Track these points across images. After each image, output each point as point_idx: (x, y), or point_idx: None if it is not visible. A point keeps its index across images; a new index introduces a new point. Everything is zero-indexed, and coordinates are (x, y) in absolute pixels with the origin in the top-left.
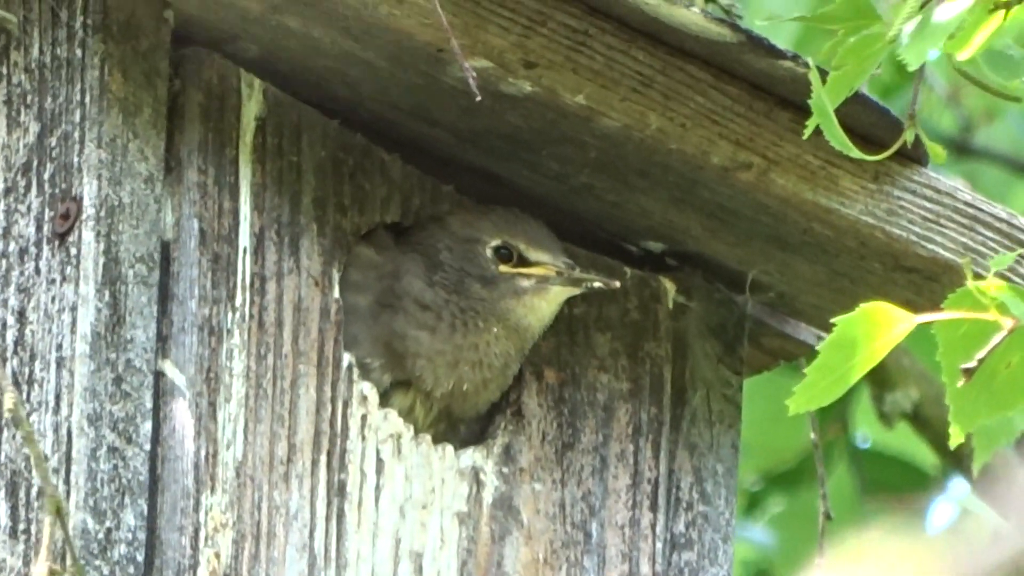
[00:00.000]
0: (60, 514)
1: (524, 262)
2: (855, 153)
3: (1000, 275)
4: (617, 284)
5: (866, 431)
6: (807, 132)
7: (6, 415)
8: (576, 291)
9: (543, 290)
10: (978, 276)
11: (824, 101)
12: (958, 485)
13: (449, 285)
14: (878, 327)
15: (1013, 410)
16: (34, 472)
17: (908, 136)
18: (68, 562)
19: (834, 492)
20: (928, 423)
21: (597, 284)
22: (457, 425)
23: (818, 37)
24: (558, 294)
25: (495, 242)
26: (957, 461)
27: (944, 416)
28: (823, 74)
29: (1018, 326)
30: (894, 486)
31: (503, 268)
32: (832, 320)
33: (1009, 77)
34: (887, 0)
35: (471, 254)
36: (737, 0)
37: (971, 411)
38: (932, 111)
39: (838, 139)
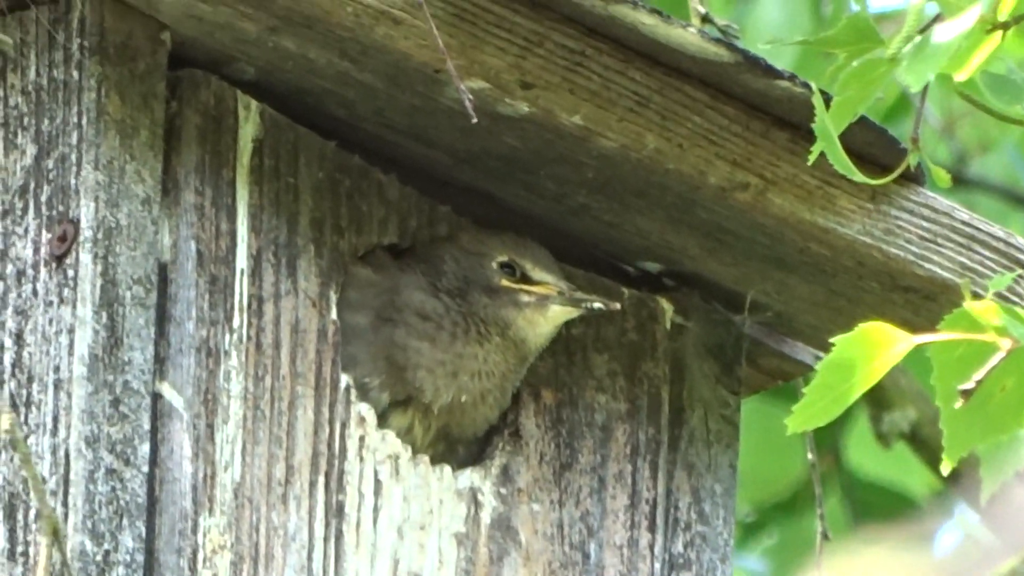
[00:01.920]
0: (57, 536)
1: (527, 280)
2: (859, 177)
3: (998, 295)
4: (617, 306)
5: (859, 460)
6: (811, 158)
7: (3, 436)
8: (576, 312)
9: (543, 307)
10: (976, 296)
11: (828, 126)
12: (962, 510)
13: (452, 291)
14: (876, 347)
15: (1006, 434)
16: (32, 494)
17: (912, 160)
18: None
19: (828, 522)
20: (926, 443)
21: (597, 305)
22: (456, 447)
23: (816, 60)
24: (557, 313)
25: (502, 258)
26: (954, 481)
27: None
28: (826, 98)
29: (1016, 348)
30: (887, 514)
31: (505, 282)
32: (831, 340)
33: (1011, 102)
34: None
35: (476, 265)
36: (734, 23)
37: (965, 435)
38: (927, 142)
39: (843, 164)
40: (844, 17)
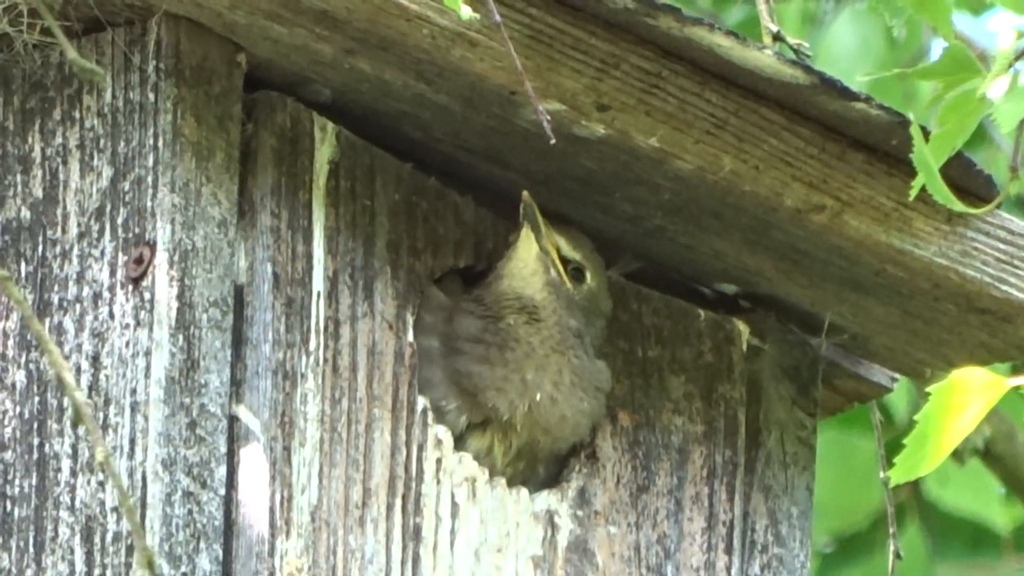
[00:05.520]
0: (152, 568)
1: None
2: (959, 207)
3: None
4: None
5: (937, 491)
6: (913, 192)
7: (97, 466)
8: (532, 232)
9: (512, 249)
10: None
11: (928, 159)
12: None
13: (484, 299)
14: (971, 393)
15: None
16: (109, 517)
17: (1012, 188)
18: None
19: (906, 553)
20: (999, 459)
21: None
22: (536, 466)
23: (890, 82)
24: (523, 241)
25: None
26: None
27: (1015, 452)
28: (924, 131)
29: None
30: (965, 548)
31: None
32: (927, 389)
33: None
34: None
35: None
36: (805, 45)
37: None
38: (999, 171)
39: (944, 195)
40: (917, 41)
